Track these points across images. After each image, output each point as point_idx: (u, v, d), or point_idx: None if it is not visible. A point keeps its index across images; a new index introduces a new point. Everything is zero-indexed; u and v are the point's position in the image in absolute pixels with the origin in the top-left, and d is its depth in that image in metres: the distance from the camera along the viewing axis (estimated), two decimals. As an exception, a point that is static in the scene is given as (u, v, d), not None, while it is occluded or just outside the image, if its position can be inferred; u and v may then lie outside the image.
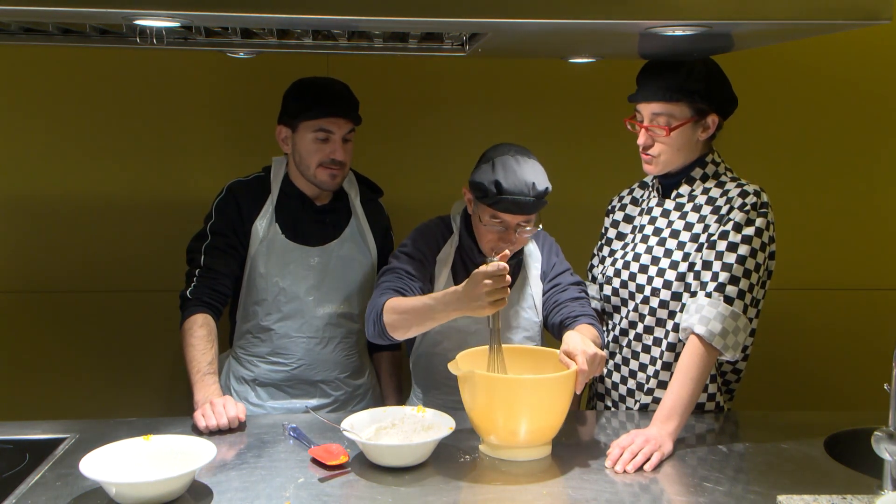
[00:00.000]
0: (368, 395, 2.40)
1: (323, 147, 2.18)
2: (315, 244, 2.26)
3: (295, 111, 2.19)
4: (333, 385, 2.30)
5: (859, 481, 1.68)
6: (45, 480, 1.68)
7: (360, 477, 1.71)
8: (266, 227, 2.22)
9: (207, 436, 1.86)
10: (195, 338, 2.07)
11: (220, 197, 2.25)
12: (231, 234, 2.20)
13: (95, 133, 2.79)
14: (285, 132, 2.23)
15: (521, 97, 2.87)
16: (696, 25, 1.51)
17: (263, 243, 2.22)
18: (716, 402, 2.09)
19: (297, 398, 2.27)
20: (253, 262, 2.22)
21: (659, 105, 1.96)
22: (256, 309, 2.24)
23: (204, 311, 2.11)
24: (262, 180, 2.28)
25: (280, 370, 2.26)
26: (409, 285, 2.03)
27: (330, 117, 2.17)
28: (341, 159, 2.20)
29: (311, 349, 2.26)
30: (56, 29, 1.81)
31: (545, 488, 1.66)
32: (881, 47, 2.88)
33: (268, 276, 2.22)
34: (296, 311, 2.23)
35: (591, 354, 1.79)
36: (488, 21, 1.47)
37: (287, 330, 2.24)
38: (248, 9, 1.39)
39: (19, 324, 2.85)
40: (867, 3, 1.46)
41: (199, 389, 2.00)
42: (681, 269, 1.98)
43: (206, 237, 2.20)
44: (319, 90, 2.20)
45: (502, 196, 1.96)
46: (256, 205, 2.24)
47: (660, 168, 2.02)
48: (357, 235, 2.33)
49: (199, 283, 2.15)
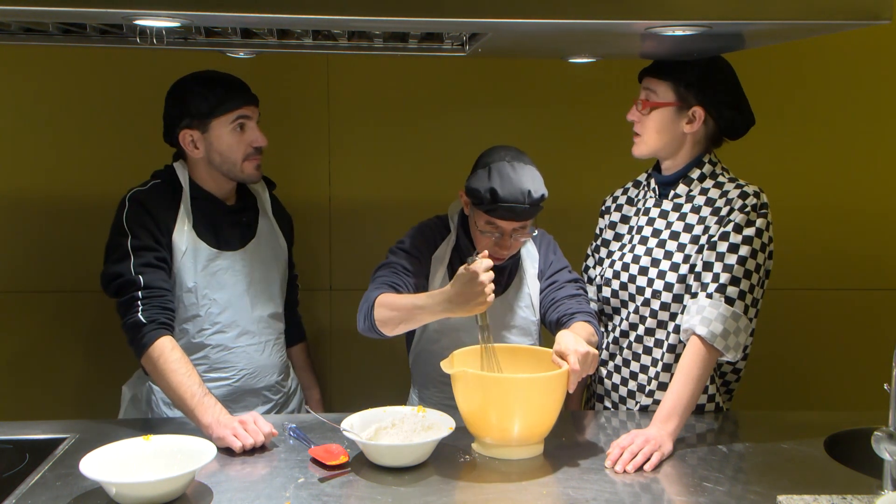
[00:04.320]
0: (297, 391, 2.38)
1: (242, 137, 2.09)
2: (237, 247, 2.16)
3: (206, 109, 2.05)
4: (274, 389, 2.25)
5: (859, 481, 1.69)
6: (45, 480, 1.68)
7: (360, 477, 1.71)
8: (186, 238, 2.07)
9: (222, 450, 1.80)
10: (173, 362, 1.89)
11: (126, 210, 2.04)
12: (157, 247, 2.02)
13: (95, 133, 2.79)
14: (192, 135, 2.08)
15: (521, 97, 2.87)
16: (695, 25, 1.51)
17: (186, 255, 2.07)
18: (715, 403, 2.09)
19: (240, 411, 2.00)
20: (178, 277, 2.06)
21: (648, 80, 2.00)
22: (186, 327, 2.10)
23: (166, 334, 1.94)
24: (162, 187, 2.11)
25: (222, 385, 2.14)
26: (404, 280, 2.03)
27: (245, 106, 2.09)
28: (264, 144, 2.12)
29: (253, 357, 2.17)
30: (56, 29, 1.81)
31: (545, 488, 1.66)
32: (881, 47, 2.88)
33: (197, 290, 2.08)
34: (231, 320, 2.13)
35: (582, 353, 1.79)
36: (488, 21, 1.47)
37: (225, 342, 2.13)
38: (248, 9, 1.39)
39: (19, 324, 2.85)
40: (867, 3, 1.46)
41: (202, 413, 1.85)
42: (682, 270, 1.98)
43: (129, 256, 1.99)
44: (223, 83, 2.10)
45: (497, 203, 1.97)
46: (168, 213, 2.07)
47: (641, 150, 2.02)
48: (269, 231, 2.26)
49: (147, 306, 1.95)
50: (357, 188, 2.87)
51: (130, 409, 2.23)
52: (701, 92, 1.95)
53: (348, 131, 2.86)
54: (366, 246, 2.78)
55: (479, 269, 1.77)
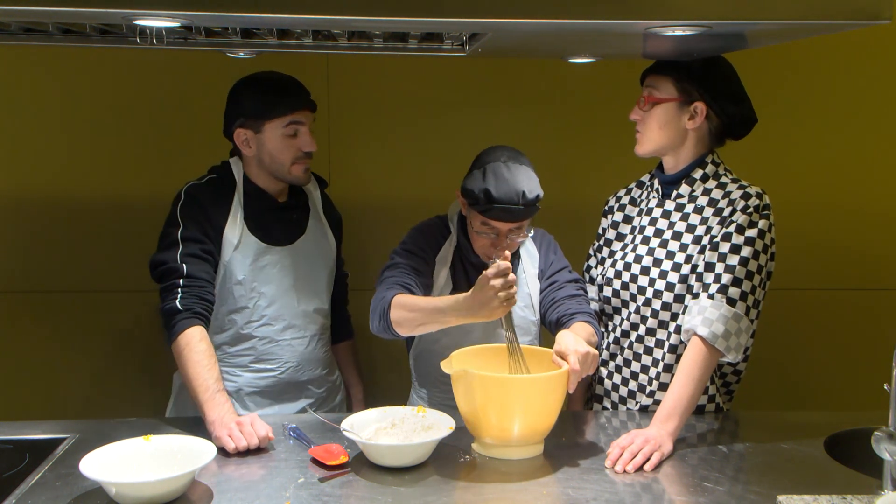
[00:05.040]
0: (341, 387, 2.41)
1: (293, 142, 2.14)
2: (285, 243, 2.21)
3: (260, 110, 2.11)
4: (318, 383, 2.28)
5: (859, 481, 1.69)
6: (45, 480, 1.68)
7: (360, 477, 1.71)
8: (237, 233, 2.13)
9: (222, 450, 1.81)
10: (197, 353, 1.94)
11: (181, 202, 2.12)
12: (205, 240, 2.09)
13: (95, 133, 2.79)
14: (246, 134, 2.14)
15: (521, 97, 2.87)
16: (696, 26, 1.51)
17: (237, 250, 2.13)
18: (716, 404, 2.09)
19: (285, 402, 2.22)
20: (228, 270, 2.13)
21: (651, 77, 1.99)
22: (235, 318, 2.16)
23: (199, 324, 1.99)
24: (218, 182, 2.18)
25: (266, 377, 2.20)
26: (415, 281, 2.03)
27: (298, 111, 2.13)
28: (313, 149, 2.17)
29: (297, 350, 2.22)
30: (56, 29, 1.81)
31: (545, 488, 1.66)
32: (881, 47, 2.88)
33: (246, 283, 2.14)
34: (277, 314, 2.18)
35: (583, 353, 1.79)
36: (488, 21, 1.47)
37: (271, 334, 2.18)
38: (248, 9, 1.39)
39: (19, 324, 2.85)
40: (867, 3, 1.46)
41: (211, 408, 1.89)
42: (683, 271, 1.98)
43: (177, 245, 2.06)
44: (280, 86, 2.15)
45: (492, 205, 1.96)
46: (221, 208, 2.14)
47: (644, 147, 2.02)
48: (318, 229, 2.30)
49: (186, 294, 2.01)
50: (357, 188, 2.86)
51: (180, 397, 2.28)
52: (702, 87, 1.95)
53: (348, 131, 2.86)
54: (366, 246, 2.78)
55: (488, 273, 1.76)
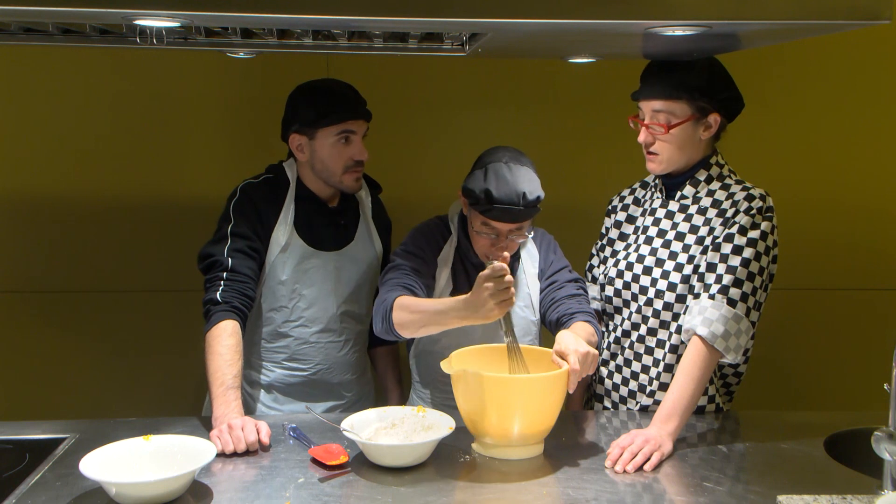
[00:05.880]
0: (371, 392, 2.42)
1: (345, 150, 2.16)
2: (332, 248, 2.23)
3: (313, 118, 2.13)
4: (347, 387, 2.29)
5: (859, 481, 1.69)
6: (45, 480, 1.68)
7: (360, 477, 1.71)
8: (286, 234, 2.17)
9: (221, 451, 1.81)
10: (223, 346, 1.96)
11: (235, 199, 2.17)
12: (254, 237, 2.13)
13: (95, 133, 2.79)
14: (300, 140, 2.17)
15: (521, 97, 2.87)
16: (696, 26, 1.51)
17: (284, 251, 2.17)
18: (716, 405, 2.09)
19: (313, 402, 2.23)
20: (272, 269, 2.17)
21: (660, 102, 1.95)
22: (273, 316, 2.20)
23: (234, 318, 2.02)
24: (273, 182, 2.22)
25: (297, 375, 2.23)
26: (417, 282, 2.03)
27: (351, 120, 2.15)
28: (364, 159, 2.19)
29: (330, 353, 2.24)
30: (56, 29, 1.81)
31: (545, 488, 1.66)
32: (881, 47, 2.88)
33: (288, 283, 2.18)
34: (315, 316, 2.21)
35: (583, 353, 1.79)
36: (488, 21, 1.47)
37: (306, 335, 2.21)
38: (248, 9, 1.39)
39: (19, 324, 2.85)
40: (867, 3, 1.46)
41: (219, 404, 1.91)
42: (685, 271, 1.98)
43: (226, 239, 2.11)
44: (334, 94, 2.16)
45: (492, 205, 1.96)
46: (273, 208, 2.18)
47: (662, 167, 2.01)
48: (366, 235, 2.32)
49: (227, 288, 2.05)
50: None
51: None
52: (714, 98, 1.95)
53: (348, 131, 2.85)
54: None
55: (483, 274, 1.77)
